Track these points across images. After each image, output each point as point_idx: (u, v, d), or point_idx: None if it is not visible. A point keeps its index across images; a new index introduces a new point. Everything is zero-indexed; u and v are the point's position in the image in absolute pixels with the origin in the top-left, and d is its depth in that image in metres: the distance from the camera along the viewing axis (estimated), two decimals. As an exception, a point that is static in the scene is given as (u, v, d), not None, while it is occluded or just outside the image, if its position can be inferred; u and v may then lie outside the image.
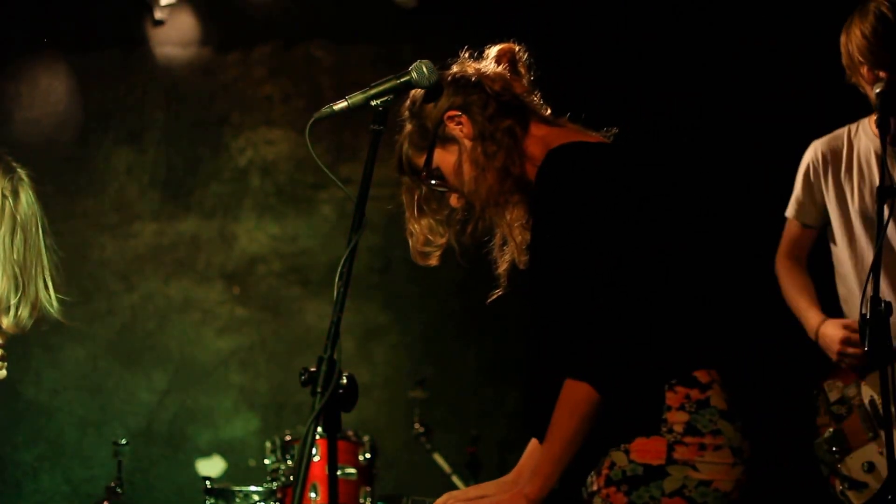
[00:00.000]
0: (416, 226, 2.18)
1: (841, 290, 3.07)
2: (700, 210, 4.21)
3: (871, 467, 2.88)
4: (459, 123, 2.09)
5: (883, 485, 2.82)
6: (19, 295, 2.31)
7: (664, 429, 1.92)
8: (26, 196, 2.37)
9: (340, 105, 1.95)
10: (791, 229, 3.19)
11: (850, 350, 2.91)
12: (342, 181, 1.96)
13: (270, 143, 5.08)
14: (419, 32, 4.88)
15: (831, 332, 2.96)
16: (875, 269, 2.44)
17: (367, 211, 1.85)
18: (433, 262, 2.19)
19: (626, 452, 1.93)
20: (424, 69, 2.02)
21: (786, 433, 3.43)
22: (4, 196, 2.32)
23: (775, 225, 3.25)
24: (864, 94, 2.95)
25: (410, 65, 2.03)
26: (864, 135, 3.04)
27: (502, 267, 2.18)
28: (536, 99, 2.16)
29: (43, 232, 2.39)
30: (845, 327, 2.93)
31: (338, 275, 1.77)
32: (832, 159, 3.06)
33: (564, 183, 1.96)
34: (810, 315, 3.06)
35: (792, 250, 3.19)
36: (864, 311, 2.41)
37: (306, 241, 5.03)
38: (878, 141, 2.96)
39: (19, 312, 2.31)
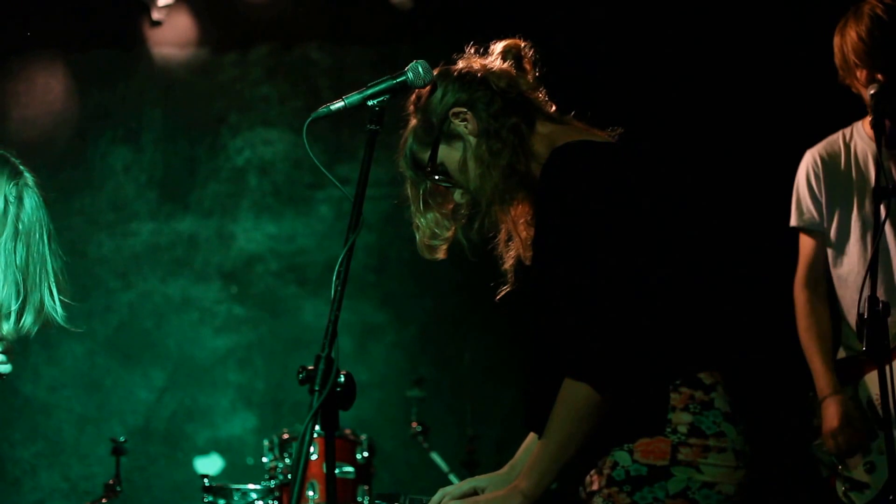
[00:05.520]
0: (422, 220, 2.16)
1: (840, 294, 3.06)
2: (703, 212, 4.21)
3: (871, 467, 2.88)
4: (464, 120, 2.09)
5: (884, 485, 2.83)
6: (21, 301, 2.29)
7: (668, 430, 1.91)
8: (31, 202, 2.34)
9: (337, 105, 1.95)
10: (805, 247, 3.10)
11: (828, 447, 2.93)
12: (339, 181, 1.96)
13: (268, 143, 5.09)
14: (416, 33, 4.90)
15: (828, 416, 2.95)
16: (872, 268, 2.44)
17: (365, 210, 1.86)
18: (440, 255, 2.18)
19: (630, 452, 1.92)
20: (420, 69, 2.02)
21: (785, 435, 3.43)
22: (8, 202, 2.30)
23: (776, 228, 3.24)
24: (856, 94, 2.95)
25: (407, 65, 2.04)
26: (860, 138, 3.04)
27: (508, 263, 2.17)
28: (542, 96, 2.15)
29: (48, 237, 2.36)
30: (843, 418, 2.91)
31: (335, 274, 1.77)
32: (830, 165, 3.04)
33: (568, 182, 1.96)
34: (822, 379, 3.00)
35: (810, 274, 3.08)
36: (861, 311, 2.42)
37: (303, 241, 5.04)
38: (873, 143, 2.96)
39: (22, 319, 2.30)
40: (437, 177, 2.13)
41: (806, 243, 3.11)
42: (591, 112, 2.17)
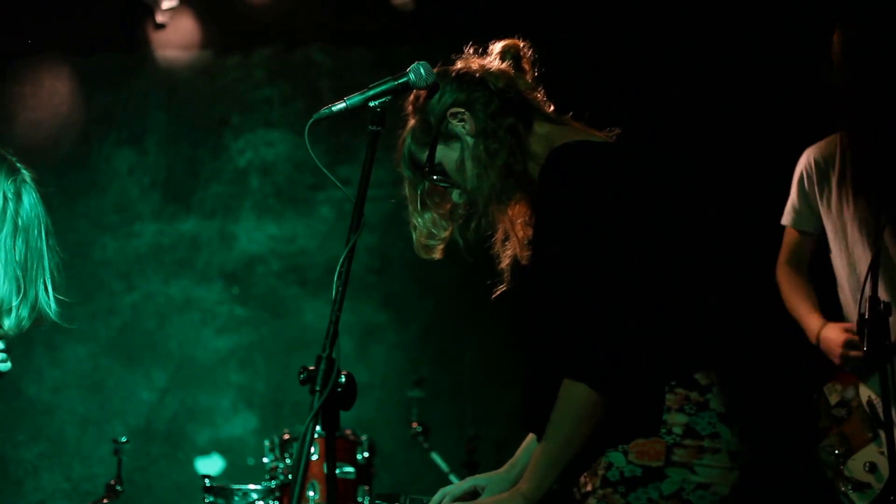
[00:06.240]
0: (419, 219, 2.17)
1: (841, 296, 3.07)
2: (701, 212, 4.22)
3: (872, 467, 2.89)
4: (462, 120, 2.09)
5: (885, 485, 2.84)
6: (20, 297, 2.31)
7: (663, 430, 1.92)
8: (29, 198, 2.36)
9: (339, 106, 1.96)
10: (789, 238, 3.19)
11: (853, 353, 2.90)
12: (340, 182, 1.97)
13: (270, 145, 5.11)
14: (417, 35, 4.91)
15: (833, 336, 2.96)
16: (874, 268, 2.45)
17: (366, 211, 1.87)
18: (437, 255, 2.18)
19: (625, 453, 1.93)
20: (422, 70, 2.03)
21: (791, 437, 3.44)
22: (7, 198, 2.32)
23: (775, 227, 3.26)
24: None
25: (408, 67, 2.05)
26: (858, 139, 3.06)
27: (505, 262, 2.17)
28: (540, 96, 2.16)
29: (46, 234, 2.37)
30: (846, 330, 2.93)
31: (336, 274, 1.78)
32: (826, 166, 3.06)
33: (566, 182, 1.96)
34: (811, 320, 3.05)
35: (791, 258, 3.19)
36: (862, 311, 2.42)
37: (305, 242, 5.05)
38: (871, 144, 2.98)
39: (19, 314, 2.31)
40: (434, 177, 2.13)
41: (790, 234, 3.18)
42: (590, 112, 2.18)
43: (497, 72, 2.12)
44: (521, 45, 2.19)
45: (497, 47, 2.17)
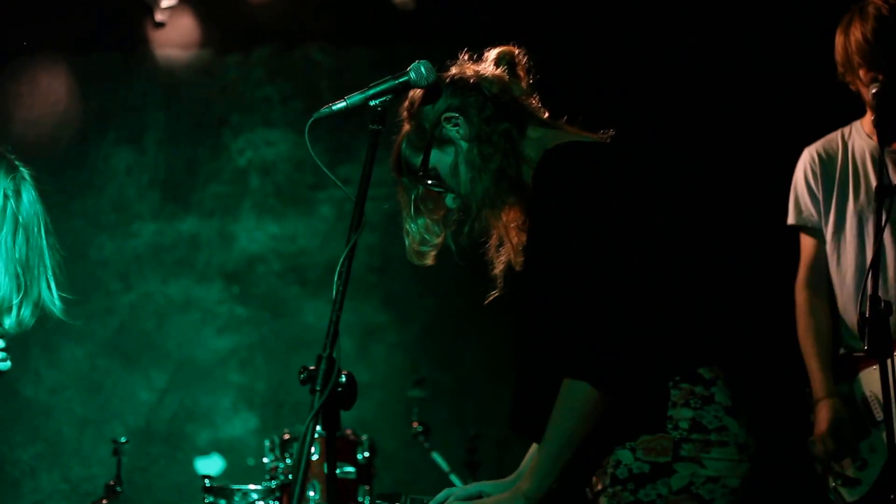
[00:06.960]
0: (412, 225, 2.18)
1: (837, 292, 3.07)
2: (699, 208, 4.22)
3: (863, 465, 2.89)
4: (456, 125, 2.10)
5: (875, 482, 2.85)
6: (21, 295, 2.31)
7: (669, 426, 1.92)
8: (28, 196, 2.37)
9: (339, 105, 1.96)
10: (806, 249, 3.11)
11: (817, 451, 2.95)
12: (341, 181, 1.97)
13: (270, 144, 5.10)
14: (417, 35, 4.90)
15: (821, 418, 2.95)
16: (874, 267, 2.44)
17: (366, 210, 1.86)
18: (429, 261, 2.20)
19: (632, 451, 1.93)
20: (423, 69, 2.03)
21: (781, 430, 3.44)
22: (6, 196, 2.33)
23: (773, 223, 3.25)
24: (854, 92, 2.96)
25: (408, 66, 2.05)
26: (858, 136, 3.05)
27: (498, 268, 2.18)
28: (534, 101, 2.17)
29: (45, 231, 2.39)
30: (831, 432, 2.92)
31: (336, 274, 1.78)
32: (828, 162, 3.06)
33: (560, 182, 1.97)
34: (816, 382, 3.01)
35: (810, 275, 3.09)
36: (863, 310, 2.42)
37: (305, 241, 5.05)
38: (871, 142, 2.99)
39: (21, 312, 2.31)
40: (429, 181, 2.14)
41: (806, 243, 3.12)
42: (585, 114, 2.18)
43: (492, 77, 2.13)
44: (516, 51, 2.20)
45: (492, 54, 2.18)
